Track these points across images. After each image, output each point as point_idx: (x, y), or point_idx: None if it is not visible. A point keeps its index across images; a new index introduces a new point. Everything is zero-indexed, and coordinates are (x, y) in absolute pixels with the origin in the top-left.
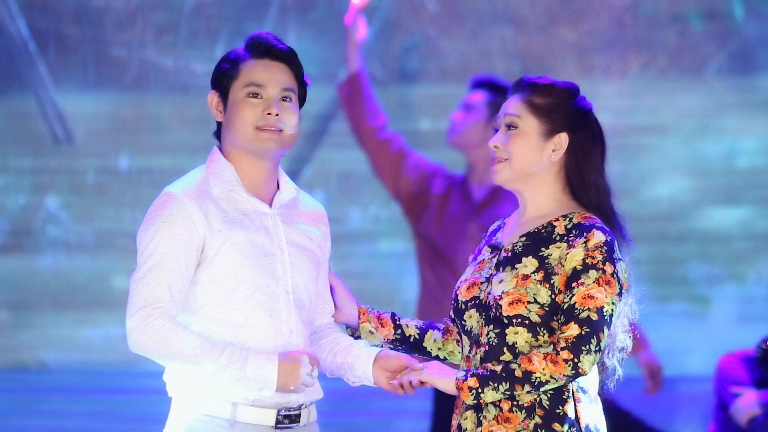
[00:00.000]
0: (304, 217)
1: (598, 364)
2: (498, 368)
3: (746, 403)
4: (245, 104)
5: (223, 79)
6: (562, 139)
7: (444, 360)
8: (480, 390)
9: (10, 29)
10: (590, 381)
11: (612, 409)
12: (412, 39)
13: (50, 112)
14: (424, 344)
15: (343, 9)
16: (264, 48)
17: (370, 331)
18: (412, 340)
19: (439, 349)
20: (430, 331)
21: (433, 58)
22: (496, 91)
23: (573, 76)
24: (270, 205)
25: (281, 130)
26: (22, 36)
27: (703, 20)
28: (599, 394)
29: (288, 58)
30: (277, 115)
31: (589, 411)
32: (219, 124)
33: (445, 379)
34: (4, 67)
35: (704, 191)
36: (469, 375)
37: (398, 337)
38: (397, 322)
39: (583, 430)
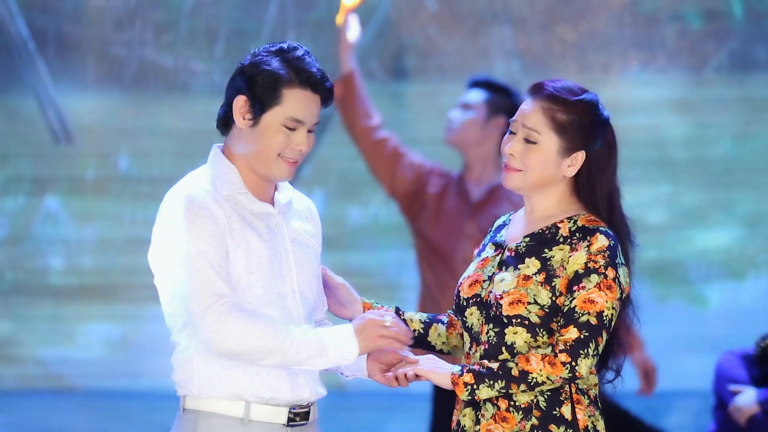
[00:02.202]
0: (299, 214)
1: (597, 365)
2: (495, 366)
3: (745, 402)
4: (280, 133)
5: (263, 94)
6: (579, 157)
7: (448, 354)
8: (475, 386)
9: (10, 29)
10: (590, 383)
11: (611, 409)
12: (412, 38)
13: (50, 112)
14: (429, 338)
15: None
16: (312, 81)
17: None
18: (416, 334)
19: (443, 343)
20: (435, 324)
21: (432, 57)
22: (494, 90)
23: (573, 75)
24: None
25: (298, 160)
26: (22, 36)
27: (703, 19)
28: (598, 394)
29: (328, 95)
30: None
31: (588, 413)
32: (229, 122)
33: (440, 373)
34: (4, 67)
35: (704, 189)
36: (465, 370)
37: None
38: (402, 317)
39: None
